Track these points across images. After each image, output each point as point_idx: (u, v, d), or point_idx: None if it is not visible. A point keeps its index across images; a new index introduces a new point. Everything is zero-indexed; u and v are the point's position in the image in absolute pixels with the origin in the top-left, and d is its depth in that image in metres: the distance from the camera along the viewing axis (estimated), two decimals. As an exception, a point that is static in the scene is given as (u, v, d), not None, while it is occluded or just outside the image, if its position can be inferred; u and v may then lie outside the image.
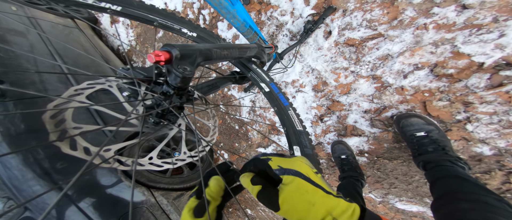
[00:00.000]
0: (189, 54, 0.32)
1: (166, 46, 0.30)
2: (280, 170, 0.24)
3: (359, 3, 0.76)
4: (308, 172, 0.24)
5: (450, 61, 0.71)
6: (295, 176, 0.23)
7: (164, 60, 0.29)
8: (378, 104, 0.84)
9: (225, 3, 0.56)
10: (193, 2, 1.27)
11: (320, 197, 0.22)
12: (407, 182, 0.89)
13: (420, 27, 0.72)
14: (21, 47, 1.23)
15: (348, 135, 0.94)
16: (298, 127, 0.49)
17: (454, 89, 0.72)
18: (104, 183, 1.10)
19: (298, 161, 0.25)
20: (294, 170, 0.24)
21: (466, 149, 0.77)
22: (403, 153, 0.86)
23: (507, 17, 0.61)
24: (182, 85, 0.33)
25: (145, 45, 1.82)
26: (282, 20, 0.91)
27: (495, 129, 0.70)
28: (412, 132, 0.77)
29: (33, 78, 1.12)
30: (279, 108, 0.53)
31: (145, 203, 1.20)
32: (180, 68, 0.31)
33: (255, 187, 0.24)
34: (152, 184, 1.26)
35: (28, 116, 1.00)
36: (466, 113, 0.72)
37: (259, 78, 0.59)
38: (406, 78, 0.77)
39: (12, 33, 1.27)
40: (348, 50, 0.83)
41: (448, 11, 0.67)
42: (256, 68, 0.62)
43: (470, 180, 0.58)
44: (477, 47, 0.67)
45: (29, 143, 0.95)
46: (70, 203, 0.97)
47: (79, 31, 1.80)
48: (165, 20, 0.51)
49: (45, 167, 0.95)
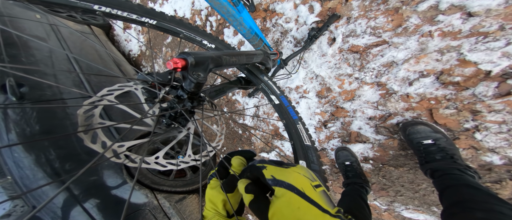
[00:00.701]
0: (202, 61, 0.35)
1: (182, 54, 0.33)
2: (272, 180, 0.23)
3: (363, 11, 0.77)
4: (304, 186, 0.22)
5: (456, 69, 0.70)
6: (287, 190, 0.21)
7: (181, 67, 0.32)
8: (383, 111, 0.83)
9: (232, 11, 0.58)
10: (201, 9, 1.32)
11: (313, 216, 0.20)
12: (414, 190, 0.87)
13: (425, 35, 0.72)
14: (42, 52, 1.30)
15: (352, 142, 0.93)
16: (306, 141, 0.49)
17: (461, 97, 0.71)
18: (110, 184, 1.12)
19: (294, 173, 0.23)
20: (287, 182, 0.22)
21: (475, 158, 0.75)
22: (410, 161, 0.85)
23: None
24: (195, 90, 0.35)
25: (154, 50, 1.90)
26: (286, 27, 0.93)
27: (504, 138, 0.68)
28: (419, 140, 0.76)
29: (50, 82, 1.19)
30: (288, 121, 0.53)
31: (148, 205, 1.21)
32: (194, 74, 0.33)
33: (247, 195, 0.23)
34: (155, 186, 1.27)
35: (44, 118, 1.04)
36: (475, 122, 0.71)
37: (270, 91, 0.60)
38: (412, 86, 0.77)
39: (36, 39, 1.35)
40: (352, 57, 0.83)
41: (453, 19, 0.67)
42: (267, 81, 0.63)
43: (482, 189, 0.57)
44: (484, 55, 0.66)
45: (43, 144, 0.99)
46: (76, 203, 0.99)
47: (94, 37, 1.90)
48: (190, 33, 0.55)
49: (55, 167, 0.98)
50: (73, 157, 1.05)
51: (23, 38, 1.28)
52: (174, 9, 1.51)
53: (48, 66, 1.25)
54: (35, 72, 1.17)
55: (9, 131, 0.97)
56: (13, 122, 0.99)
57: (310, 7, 0.84)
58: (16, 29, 1.33)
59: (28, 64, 1.17)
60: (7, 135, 0.96)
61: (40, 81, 1.11)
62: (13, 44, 1.20)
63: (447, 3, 0.67)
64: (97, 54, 1.68)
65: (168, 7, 1.54)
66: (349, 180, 0.90)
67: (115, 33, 2.26)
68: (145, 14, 0.44)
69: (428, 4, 0.69)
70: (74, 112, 1.15)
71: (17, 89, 1.01)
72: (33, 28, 1.41)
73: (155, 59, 1.90)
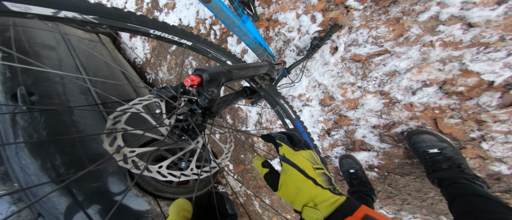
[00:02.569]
0: (215, 77, 0.36)
1: (198, 71, 0.34)
2: (283, 157, 0.30)
3: (364, 21, 0.79)
4: (305, 166, 0.28)
5: (459, 79, 0.71)
6: (291, 167, 0.28)
7: (197, 83, 0.33)
8: (387, 120, 0.84)
9: (237, 22, 0.60)
10: (205, 19, 1.35)
11: (307, 186, 0.26)
12: (421, 199, 0.86)
13: (427, 45, 0.74)
14: (52, 61, 1.35)
15: (356, 150, 0.93)
16: None
17: (466, 107, 0.71)
18: (113, 190, 1.12)
19: (300, 156, 0.29)
20: (291, 161, 0.28)
21: (483, 167, 0.74)
22: (416, 169, 0.84)
23: None
24: (208, 105, 0.37)
25: (159, 58, 1.94)
26: (289, 36, 0.95)
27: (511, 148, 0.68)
28: (425, 149, 0.75)
29: (58, 90, 1.23)
30: None
31: (151, 212, 1.21)
32: (209, 90, 0.35)
33: (264, 169, 0.31)
34: (158, 194, 1.27)
35: (51, 125, 1.07)
36: (480, 131, 0.71)
37: (285, 114, 0.63)
38: (415, 95, 0.77)
39: (46, 48, 1.40)
40: (354, 66, 0.85)
41: (454, 29, 0.68)
42: (283, 104, 0.65)
43: (493, 199, 0.56)
44: (486, 66, 0.67)
45: (49, 150, 1.00)
46: (79, 209, 0.99)
47: (102, 45, 1.95)
48: (217, 53, 0.61)
49: (60, 173, 0.99)
50: (77, 164, 1.07)
51: (34, 47, 1.33)
52: (179, 18, 1.54)
53: (56, 74, 1.29)
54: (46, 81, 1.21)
55: (17, 136, 0.99)
56: (21, 128, 1.01)
57: (312, 17, 0.87)
58: (28, 38, 1.38)
59: (38, 72, 1.20)
60: (15, 140, 0.99)
61: (49, 90, 1.14)
62: (26, 53, 1.26)
63: (447, 14, 0.68)
64: (103, 62, 1.74)
65: (173, 16, 1.58)
66: (354, 188, 0.89)
67: (121, 41, 2.33)
68: (184, 36, 0.49)
69: (429, 15, 0.71)
70: (79, 119, 1.19)
71: (27, 98, 1.05)
72: (44, 37, 1.46)
73: (160, 67, 1.94)
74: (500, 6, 0.61)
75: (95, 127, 1.23)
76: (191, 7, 1.43)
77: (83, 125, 1.18)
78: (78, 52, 1.56)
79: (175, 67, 1.75)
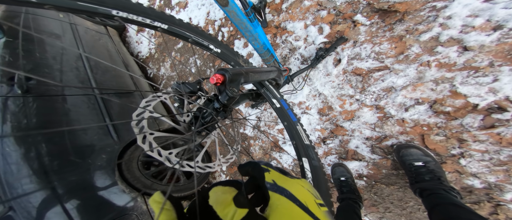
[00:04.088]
0: (236, 77, 0.39)
1: (221, 71, 0.37)
2: (272, 185, 0.20)
3: (369, 36, 0.81)
4: (308, 201, 0.19)
5: (448, 99, 0.76)
6: (288, 200, 0.19)
7: (221, 82, 0.36)
8: (380, 133, 0.88)
9: (249, 27, 0.60)
10: (215, 20, 1.35)
11: None
12: (402, 207, 0.93)
13: (424, 64, 0.77)
14: (55, 48, 1.37)
15: (348, 159, 0.97)
16: (305, 141, 0.54)
17: (450, 126, 0.77)
18: (98, 185, 1.07)
19: (297, 184, 0.21)
20: (289, 191, 0.19)
21: (458, 181, 0.81)
22: (400, 180, 0.90)
23: (501, 62, 0.67)
24: (228, 103, 0.39)
25: (163, 54, 1.93)
26: (295, 44, 0.94)
27: (486, 166, 0.75)
28: (411, 161, 0.81)
29: (56, 78, 1.23)
30: (289, 123, 0.58)
31: (135, 209, 1.17)
32: (231, 89, 0.37)
33: (240, 210, 0.18)
34: (146, 191, 1.23)
35: (42, 112, 1.04)
36: (460, 149, 0.77)
37: (271, 95, 0.64)
38: (407, 112, 0.82)
39: (52, 36, 1.44)
40: (355, 79, 0.87)
41: (451, 51, 0.72)
42: (268, 85, 0.67)
43: (465, 208, 0.63)
44: (473, 89, 0.72)
45: (36, 139, 0.96)
46: (56, 202, 0.94)
47: (108, 38, 1.98)
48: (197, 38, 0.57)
49: (44, 164, 0.93)
50: (63, 156, 1.01)
51: (40, 34, 1.36)
52: (189, 17, 1.54)
53: (57, 62, 1.28)
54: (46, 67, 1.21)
55: (4, 121, 0.95)
56: (11, 113, 0.96)
57: (320, 29, 0.86)
58: (36, 26, 1.40)
59: (41, 59, 1.21)
60: (2, 126, 0.94)
61: (47, 77, 1.14)
62: (31, 40, 1.25)
63: (447, 35, 0.71)
64: (107, 54, 1.73)
65: (184, 15, 1.58)
66: (343, 195, 0.93)
67: (127, 34, 2.32)
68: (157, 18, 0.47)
69: (430, 35, 0.74)
70: (72, 108, 1.15)
71: (25, 83, 1.01)
72: (51, 25, 1.50)
73: (163, 63, 1.92)
74: (495, 32, 0.65)
75: (87, 117, 1.18)
76: (203, 8, 1.46)
77: (76, 114, 1.14)
78: (84, 43, 1.59)
79: (179, 64, 1.73)
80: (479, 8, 0.66)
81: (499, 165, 0.73)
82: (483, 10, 0.65)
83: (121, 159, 1.17)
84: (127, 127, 1.29)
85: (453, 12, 0.69)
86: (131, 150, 1.26)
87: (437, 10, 0.71)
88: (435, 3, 0.71)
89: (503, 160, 0.72)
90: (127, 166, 1.19)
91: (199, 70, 1.52)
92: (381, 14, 0.76)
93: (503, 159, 0.72)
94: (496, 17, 0.64)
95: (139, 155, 1.29)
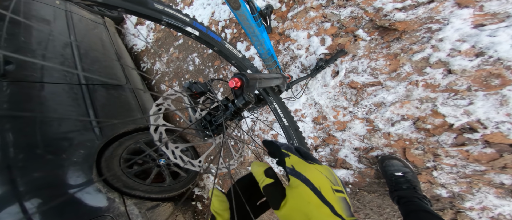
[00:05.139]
0: (253, 83, 0.40)
1: (240, 75, 0.37)
2: (291, 170, 0.23)
3: (367, 51, 0.83)
4: (322, 185, 0.21)
5: (429, 118, 0.82)
6: (302, 183, 0.21)
7: (239, 86, 0.37)
8: (367, 144, 0.93)
9: (257, 32, 0.58)
10: (219, 21, 1.32)
11: (322, 214, 0.19)
12: (379, 214, 1.01)
13: (412, 83, 0.82)
14: (42, 33, 1.31)
15: (337, 167, 1.01)
16: None
17: (428, 142, 0.84)
18: (70, 182, 0.96)
19: (315, 170, 0.22)
20: (304, 176, 0.22)
21: (429, 190, 0.91)
22: (381, 188, 0.97)
23: (478, 88, 0.74)
24: (243, 107, 0.39)
25: (161, 49, 1.88)
26: (297, 53, 0.93)
27: (453, 178, 0.85)
28: (392, 172, 0.87)
29: (37, 64, 1.14)
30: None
31: (111, 210, 1.07)
32: (248, 93, 0.37)
33: (267, 179, 0.23)
34: (126, 190, 1.13)
35: (16, 99, 0.96)
36: (434, 162, 0.86)
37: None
38: (393, 126, 0.87)
39: (40, 21, 1.38)
40: (350, 92, 0.89)
41: (437, 73, 0.78)
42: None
43: (435, 214, 0.71)
44: (451, 110, 0.79)
45: (4, 127, 0.87)
46: (14, 200, 0.81)
47: (104, 28, 1.92)
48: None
49: (8, 156, 0.84)
50: (30, 149, 0.89)
51: (28, 19, 1.28)
52: (193, 15, 1.49)
53: (41, 47, 1.22)
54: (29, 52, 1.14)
55: None
56: None
57: (322, 40, 0.86)
58: (26, 10, 1.33)
59: (25, 43, 1.14)
60: None
61: (29, 63, 1.07)
62: (18, 22, 1.19)
63: (436, 57, 0.77)
64: (100, 44, 1.68)
65: (188, 12, 1.49)
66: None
67: (125, 26, 2.26)
68: None
69: (422, 56, 0.78)
70: (49, 95, 1.07)
71: (2, 66, 0.94)
72: (42, 11, 1.43)
73: (159, 59, 1.87)
74: (477, 59, 0.71)
75: (69, 108, 1.08)
76: (208, 8, 1.45)
77: (55, 103, 1.04)
78: (76, 31, 1.54)
79: (176, 61, 1.68)
80: (468, 34, 0.71)
81: (464, 177, 0.83)
82: (471, 36, 0.71)
83: (101, 156, 1.07)
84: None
85: (445, 35, 0.74)
86: (113, 146, 1.15)
87: (431, 32, 0.76)
88: (431, 25, 0.75)
89: (468, 173, 0.81)
90: (107, 163, 1.08)
91: (197, 69, 1.46)
92: (381, 31, 0.78)
93: (468, 173, 0.81)
94: (480, 44, 0.70)
95: (122, 152, 1.17)
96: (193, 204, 1.54)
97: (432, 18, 0.75)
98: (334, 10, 0.83)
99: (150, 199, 1.22)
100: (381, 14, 0.79)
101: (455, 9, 0.72)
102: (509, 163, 0.73)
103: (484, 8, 0.69)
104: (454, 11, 0.72)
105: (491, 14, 0.68)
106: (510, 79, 0.66)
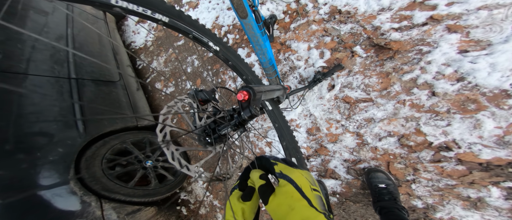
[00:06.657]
0: (259, 95, 0.41)
1: (246, 88, 0.38)
2: (280, 174, 0.29)
3: (363, 68, 0.86)
4: (303, 184, 0.27)
5: (412, 135, 0.88)
6: (288, 182, 0.27)
7: (247, 99, 0.37)
8: (356, 157, 0.96)
9: (261, 41, 0.56)
10: (222, 25, 1.31)
11: (301, 205, 0.25)
12: (362, 222, 1.06)
13: (400, 102, 0.87)
14: (36, 24, 1.28)
15: (327, 177, 1.04)
16: None
17: (410, 157, 0.90)
18: (42, 183, 0.86)
19: (298, 173, 0.29)
20: (289, 177, 0.28)
21: (407, 201, 0.98)
22: (365, 199, 1.02)
23: (456, 111, 0.81)
24: (248, 119, 0.39)
25: (160, 48, 1.86)
26: (296, 64, 0.93)
27: (428, 190, 0.92)
28: (376, 183, 0.92)
29: (26, 54, 1.08)
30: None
31: (85, 215, 0.96)
32: (255, 107, 0.38)
33: (261, 180, 0.30)
34: (105, 193, 1.03)
35: None
36: (414, 176, 0.92)
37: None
38: (380, 141, 0.92)
39: (38, 12, 1.33)
40: (343, 106, 0.91)
41: (422, 94, 0.84)
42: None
43: None
44: (432, 130, 0.86)
45: None
46: None
47: (104, 23, 1.91)
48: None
49: None
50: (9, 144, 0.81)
51: (26, 9, 1.24)
52: (197, 18, 1.47)
53: (32, 38, 1.16)
54: None
55: None
56: None
57: (321, 53, 0.87)
58: (26, 1, 1.29)
59: (16, 33, 1.10)
60: None
61: (15, 53, 1.01)
62: (14, 13, 1.17)
63: (423, 79, 0.82)
64: (97, 39, 1.63)
65: (192, 15, 1.44)
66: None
67: (125, 23, 2.26)
68: None
69: (411, 76, 0.83)
70: (33, 88, 0.99)
71: None
72: (42, 2, 1.41)
73: (157, 57, 1.82)
74: (458, 83, 0.78)
75: (55, 102, 1.00)
76: (212, 12, 1.45)
77: (39, 97, 0.96)
78: (74, 24, 1.49)
79: (174, 61, 1.62)
80: (453, 58, 0.77)
81: (437, 190, 0.90)
82: (455, 61, 0.77)
83: (82, 155, 0.98)
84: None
85: (433, 58, 0.79)
86: (97, 146, 1.04)
87: (422, 54, 0.81)
88: (422, 47, 0.80)
89: (441, 187, 0.89)
90: (87, 164, 0.98)
91: (195, 71, 1.41)
92: (377, 49, 0.82)
93: (441, 186, 0.89)
94: (462, 69, 0.76)
95: (105, 152, 1.07)
96: (177, 209, 1.46)
97: (423, 40, 0.80)
98: (335, 25, 0.85)
99: (131, 203, 1.13)
100: (378, 33, 0.83)
101: (445, 33, 0.78)
102: (477, 179, 0.81)
103: (470, 35, 0.75)
104: (444, 35, 0.78)
105: (475, 41, 0.75)
106: (484, 105, 0.74)
